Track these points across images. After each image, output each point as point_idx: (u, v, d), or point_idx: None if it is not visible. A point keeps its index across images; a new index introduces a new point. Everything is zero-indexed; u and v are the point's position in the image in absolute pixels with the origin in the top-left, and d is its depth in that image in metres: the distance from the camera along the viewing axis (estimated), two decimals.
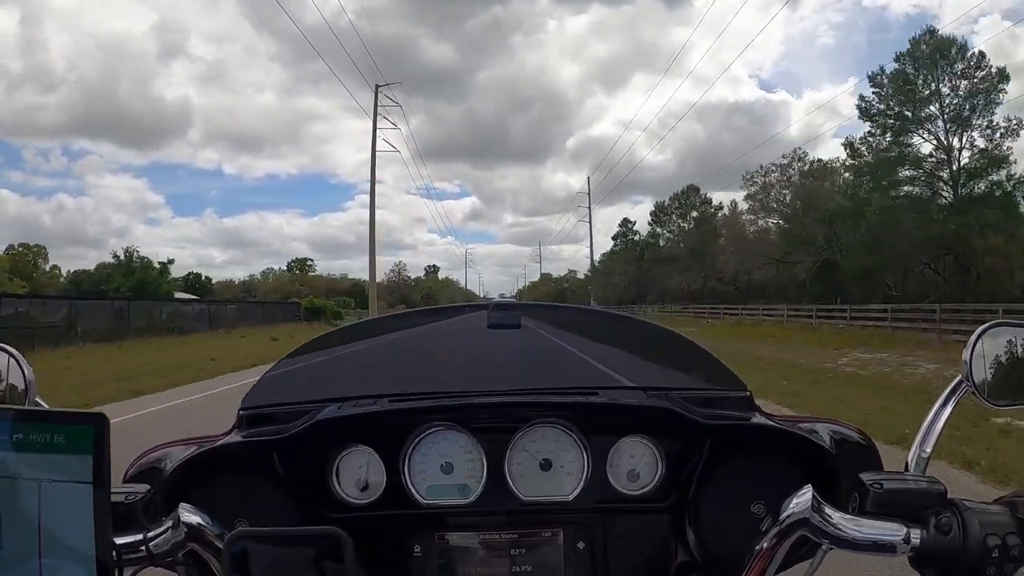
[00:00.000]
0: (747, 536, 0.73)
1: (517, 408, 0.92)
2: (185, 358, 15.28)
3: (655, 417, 0.91)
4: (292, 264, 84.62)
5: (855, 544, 0.63)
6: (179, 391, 10.06)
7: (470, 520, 0.87)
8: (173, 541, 0.65)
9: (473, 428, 0.88)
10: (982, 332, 0.76)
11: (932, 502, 0.63)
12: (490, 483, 0.87)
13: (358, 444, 0.89)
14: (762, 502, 0.83)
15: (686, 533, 0.86)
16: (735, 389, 0.97)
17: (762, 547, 0.68)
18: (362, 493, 0.89)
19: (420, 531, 0.87)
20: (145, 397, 9.33)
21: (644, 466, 0.90)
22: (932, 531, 0.61)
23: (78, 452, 0.54)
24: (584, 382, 1.10)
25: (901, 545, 0.61)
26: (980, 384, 0.75)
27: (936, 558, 0.60)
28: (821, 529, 0.64)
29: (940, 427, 0.74)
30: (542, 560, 0.86)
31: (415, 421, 0.89)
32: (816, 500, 0.65)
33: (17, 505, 0.54)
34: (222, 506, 0.72)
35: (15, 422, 0.54)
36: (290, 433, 0.86)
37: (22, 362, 0.76)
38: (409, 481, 0.87)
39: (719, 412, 0.92)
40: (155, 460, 0.85)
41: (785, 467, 0.84)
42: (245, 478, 0.85)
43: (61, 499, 0.54)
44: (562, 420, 0.88)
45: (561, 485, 0.87)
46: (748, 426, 0.89)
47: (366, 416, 0.94)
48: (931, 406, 0.76)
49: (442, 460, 0.88)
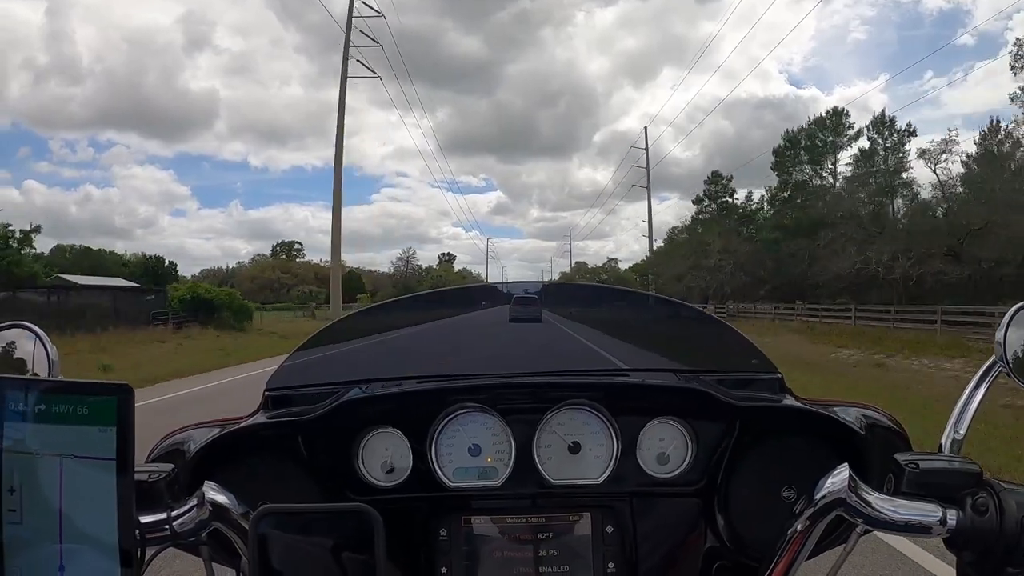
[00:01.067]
0: (777, 521, 0.72)
1: (546, 389, 0.90)
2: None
3: (686, 399, 0.90)
4: (277, 247, 77.06)
5: (891, 525, 0.62)
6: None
7: (497, 503, 0.86)
8: (198, 520, 0.64)
9: (501, 410, 0.87)
10: (1016, 311, 0.74)
11: (968, 483, 0.62)
12: (518, 466, 0.85)
13: (384, 426, 0.88)
14: (793, 486, 0.82)
15: (715, 517, 0.85)
16: (766, 371, 0.95)
17: (796, 529, 0.67)
18: (388, 475, 0.87)
19: (446, 514, 0.85)
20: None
21: (674, 449, 0.88)
22: (969, 512, 0.60)
23: (101, 424, 0.53)
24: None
25: (937, 526, 0.61)
26: (1015, 364, 0.73)
27: (972, 539, 0.59)
28: (857, 509, 0.63)
29: (974, 409, 0.73)
30: (570, 544, 0.84)
31: (442, 402, 0.88)
32: (853, 479, 0.64)
33: (38, 481, 0.53)
34: (246, 488, 0.71)
35: (38, 392, 0.53)
36: (316, 414, 0.85)
37: (46, 341, 0.75)
38: (436, 463, 0.86)
39: (750, 394, 0.91)
40: (179, 442, 0.84)
41: (816, 451, 0.83)
42: (269, 460, 0.85)
43: (83, 476, 0.53)
44: (591, 402, 0.87)
45: (590, 468, 0.86)
46: (780, 408, 0.88)
47: (393, 397, 0.93)
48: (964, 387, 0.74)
49: (469, 442, 0.87)
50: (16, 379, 0.54)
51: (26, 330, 0.77)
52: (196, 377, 11.35)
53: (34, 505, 0.53)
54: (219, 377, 11.32)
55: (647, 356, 1.18)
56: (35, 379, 0.57)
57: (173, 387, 9.82)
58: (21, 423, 0.53)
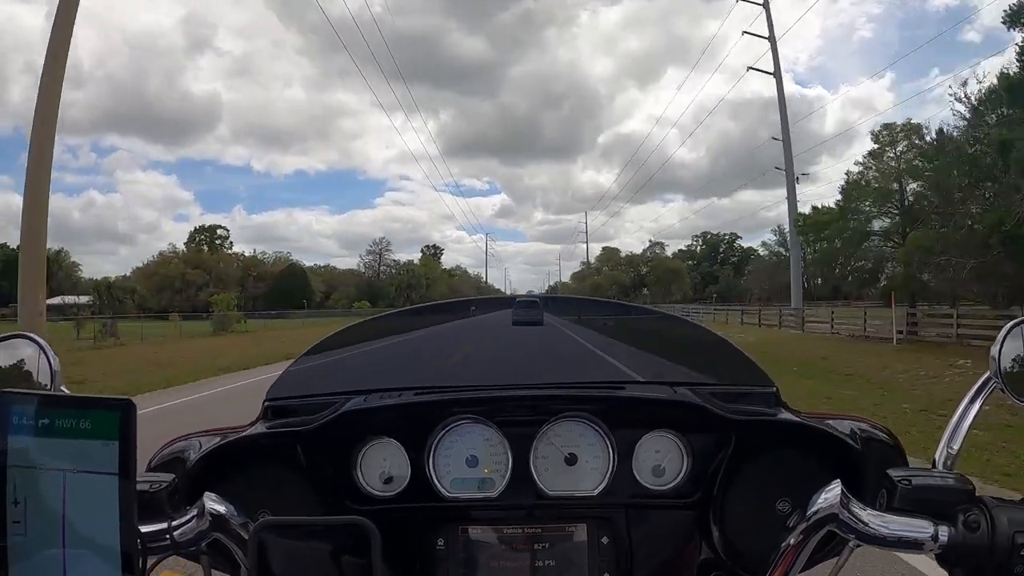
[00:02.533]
0: (771, 534, 0.72)
1: (543, 401, 0.91)
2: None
3: (681, 412, 0.90)
4: (196, 233, 59.64)
5: (883, 541, 0.63)
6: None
7: (494, 514, 0.87)
8: (198, 530, 0.65)
9: (498, 421, 0.88)
10: (1011, 327, 0.74)
11: (960, 499, 0.62)
12: (515, 477, 0.86)
13: (383, 436, 0.89)
14: (787, 499, 0.82)
15: (710, 530, 0.86)
16: (762, 385, 0.96)
17: (789, 543, 0.67)
18: (386, 486, 0.88)
19: (444, 524, 0.86)
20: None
21: (669, 462, 0.89)
22: (960, 528, 0.60)
23: (104, 438, 0.53)
24: (608, 376, 1.09)
25: (929, 542, 0.61)
26: (1009, 381, 0.73)
27: (964, 556, 0.60)
28: (849, 525, 0.63)
29: (968, 424, 0.72)
30: (566, 555, 0.85)
31: (440, 414, 0.89)
32: (845, 495, 0.64)
33: (42, 493, 0.54)
34: (246, 497, 0.72)
35: (41, 407, 0.54)
36: (315, 424, 0.86)
37: (48, 351, 0.76)
38: (433, 474, 0.87)
39: (746, 408, 0.91)
40: (179, 451, 0.85)
41: (811, 464, 0.83)
42: (269, 469, 0.85)
43: (86, 488, 0.54)
44: (588, 414, 0.88)
45: (586, 480, 0.86)
46: (775, 422, 0.88)
47: (391, 408, 0.94)
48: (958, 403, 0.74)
49: (467, 453, 0.87)
50: (22, 394, 0.55)
51: (28, 340, 0.77)
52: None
53: (38, 516, 0.54)
54: None
55: (643, 368, 1.19)
56: (40, 393, 0.57)
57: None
58: (26, 436, 0.54)
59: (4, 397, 0.55)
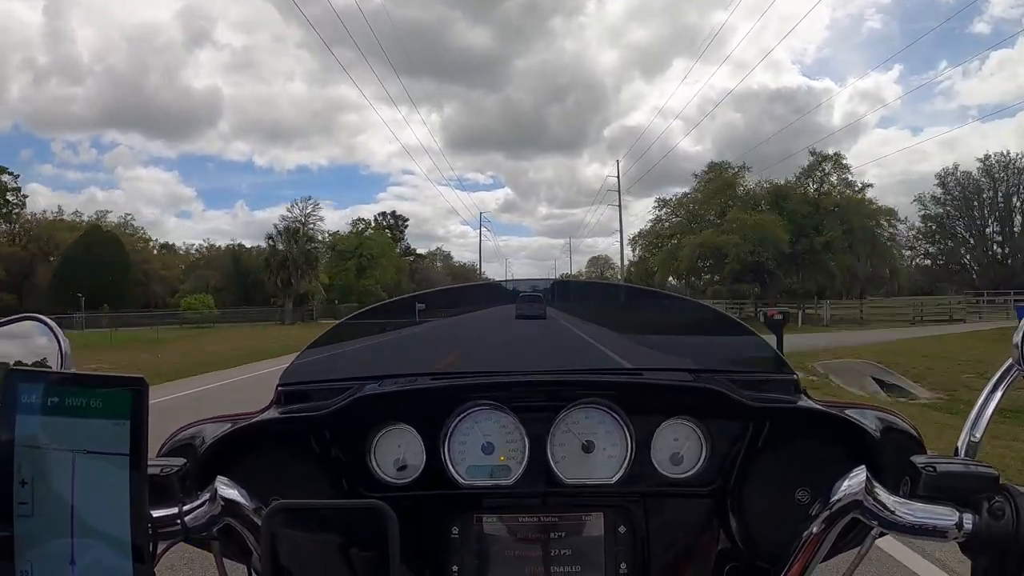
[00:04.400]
0: (791, 523, 0.71)
1: (561, 387, 0.90)
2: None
3: (701, 399, 0.89)
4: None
5: (907, 528, 0.62)
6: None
7: (510, 502, 0.86)
8: (209, 515, 0.64)
9: (515, 407, 0.86)
10: None
11: (985, 487, 0.62)
12: (531, 464, 0.85)
13: (397, 422, 0.87)
14: (806, 489, 0.81)
15: (729, 519, 0.85)
16: (782, 372, 0.94)
17: (811, 532, 0.66)
18: (400, 472, 0.87)
19: (458, 512, 0.85)
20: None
21: (688, 449, 0.87)
22: (985, 516, 0.60)
23: (114, 417, 0.52)
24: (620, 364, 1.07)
25: (953, 530, 0.60)
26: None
27: (988, 544, 0.59)
28: (873, 512, 0.63)
29: (990, 412, 0.72)
30: (582, 544, 0.84)
31: (456, 399, 0.87)
32: (870, 481, 0.63)
33: (50, 474, 0.53)
34: (258, 483, 0.71)
35: (51, 385, 0.53)
36: (329, 410, 0.85)
37: (57, 332, 0.75)
38: (449, 461, 0.86)
39: (766, 395, 0.90)
40: (190, 437, 0.83)
41: (831, 453, 0.82)
42: (282, 455, 0.84)
43: (95, 470, 0.53)
44: (606, 400, 0.86)
45: (603, 467, 0.85)
46: (795, 410, 0.87)
47: (406, 393, 0.93)
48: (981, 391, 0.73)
49: (483, 440, 0.86)
50: (30, 371, 0.54)
51: (38, 322, 0.76)
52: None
53: (46, 498, 0.52)
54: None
55: (658, 355, 1.17)
56: (49, 371, 0.56)
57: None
58: (34, 416, 0.52)
59: (12, 375, 0.53)
